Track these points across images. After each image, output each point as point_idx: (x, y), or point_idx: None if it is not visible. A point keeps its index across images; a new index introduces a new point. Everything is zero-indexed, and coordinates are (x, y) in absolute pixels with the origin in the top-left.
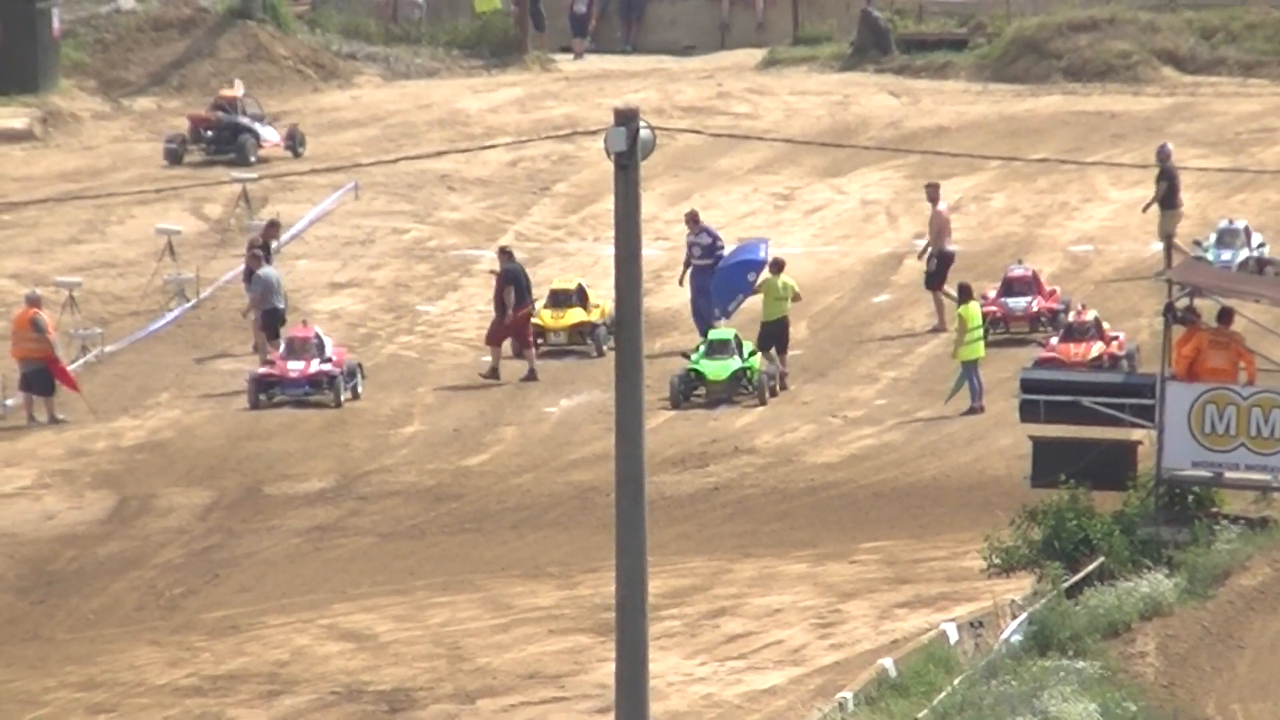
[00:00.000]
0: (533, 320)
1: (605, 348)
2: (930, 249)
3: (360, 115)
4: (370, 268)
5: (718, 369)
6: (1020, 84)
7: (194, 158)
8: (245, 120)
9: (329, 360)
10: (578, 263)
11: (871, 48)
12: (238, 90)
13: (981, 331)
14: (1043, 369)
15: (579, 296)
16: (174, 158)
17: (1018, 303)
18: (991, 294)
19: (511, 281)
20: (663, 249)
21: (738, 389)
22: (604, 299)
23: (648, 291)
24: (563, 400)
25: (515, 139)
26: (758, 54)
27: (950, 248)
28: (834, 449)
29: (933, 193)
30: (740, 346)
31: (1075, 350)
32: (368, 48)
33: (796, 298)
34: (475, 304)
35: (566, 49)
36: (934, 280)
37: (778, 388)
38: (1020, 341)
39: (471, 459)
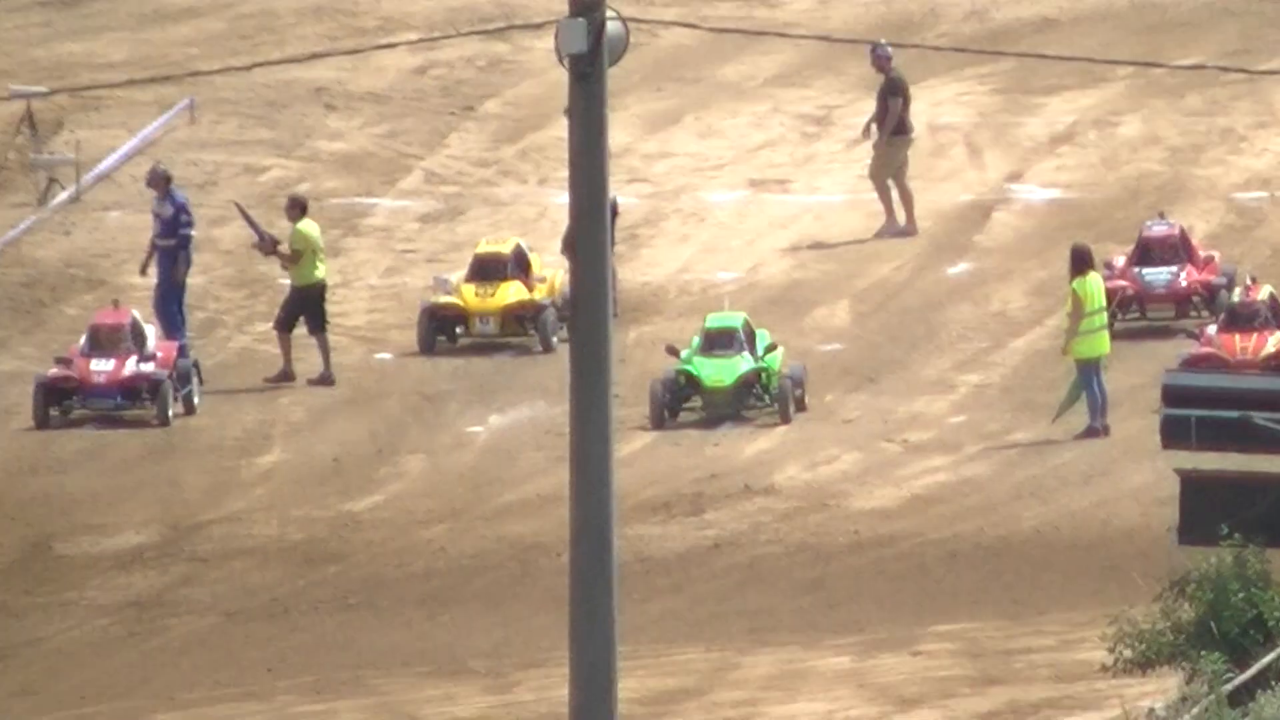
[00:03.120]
0: (445, 300)
1: (556, 339)
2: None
3: (198, 0)
4: (212, 223)
5: (719, 371)
6: None
7: None
8: None
9: (151, 358)
10: (515, 215)
11: None
12: None
13: (1105, 317)
14: (1195, 371)
15: (517, 265)
16: None
17: (1158, 275)
18: (1120, 262)
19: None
20: (641, 195)
21: (748, 400)
22: (553, 268)
23: (620, 257)
24: (492, 416)
25: (423, 36)
26: None
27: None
28: (890, 488)
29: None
30: (752, 338)
31: (1242, 343)
32: None
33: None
34: (365, 275)
35: None
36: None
37: (804, 398)
38: (1163, 331)
39: (359, 502)
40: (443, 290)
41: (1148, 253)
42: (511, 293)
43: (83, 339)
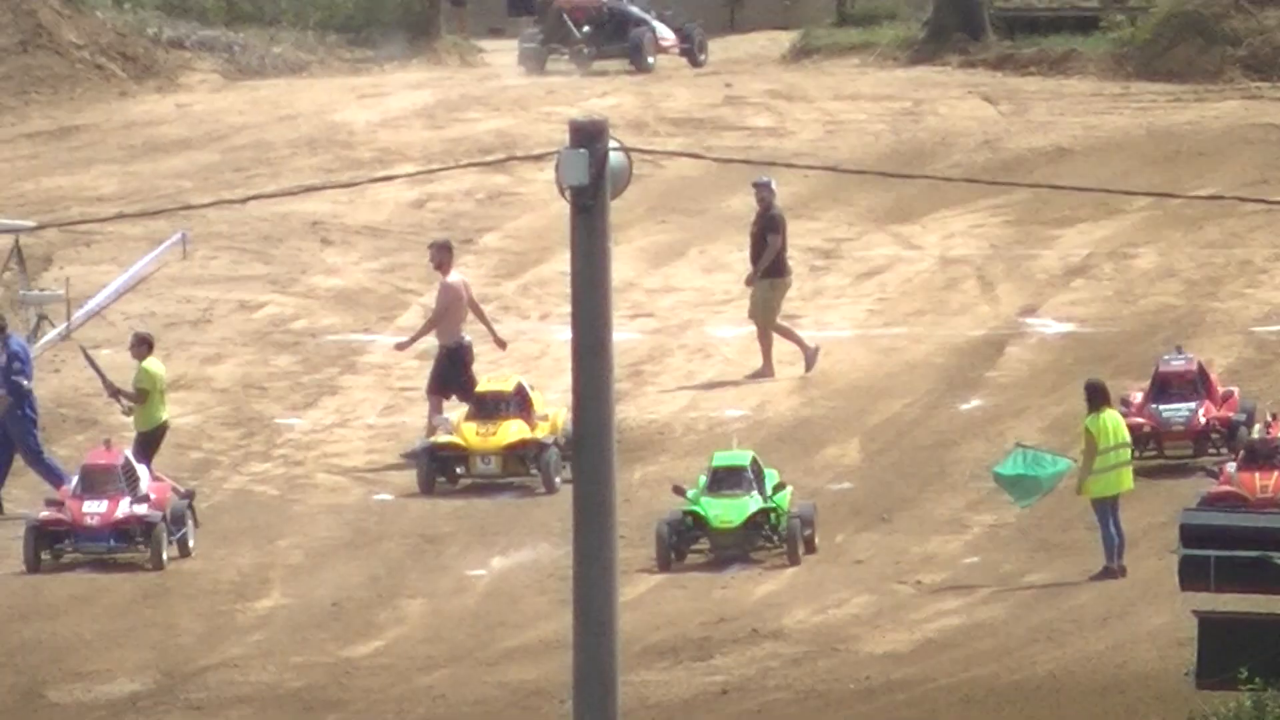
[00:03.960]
0: (445, 439)
1: (559, 479)
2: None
3: (191, 132)
4: (206, 360)
5: (727, 511)
6: (1179, 83)
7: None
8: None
9: (144, 499)
10: (517, 352)
11: (956, 30)
12: None
13: (1127, 453)
14: (1214, 509)
15: (518, 403)
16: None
17: (1176, 411)
18: (1137, 398)
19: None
20: (645, 331)
21: (757, 540)
22: (556, 407)
23: (623, 395)
24: (494, 559)
25: (421, 168)
26: (784, 40)
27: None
28: (902, 632)
29: (439, 255)
30: (760, 476)
31: (1263, 481)
32: (202, 30)
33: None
34: (362, 414)
35: (498, 31)
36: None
37: (814, 538)
38: (1180, 469)
39: (358, 647)
40: (443, 429)
41: (1165, 388)
42: (513, 431)
43: (74, 480)
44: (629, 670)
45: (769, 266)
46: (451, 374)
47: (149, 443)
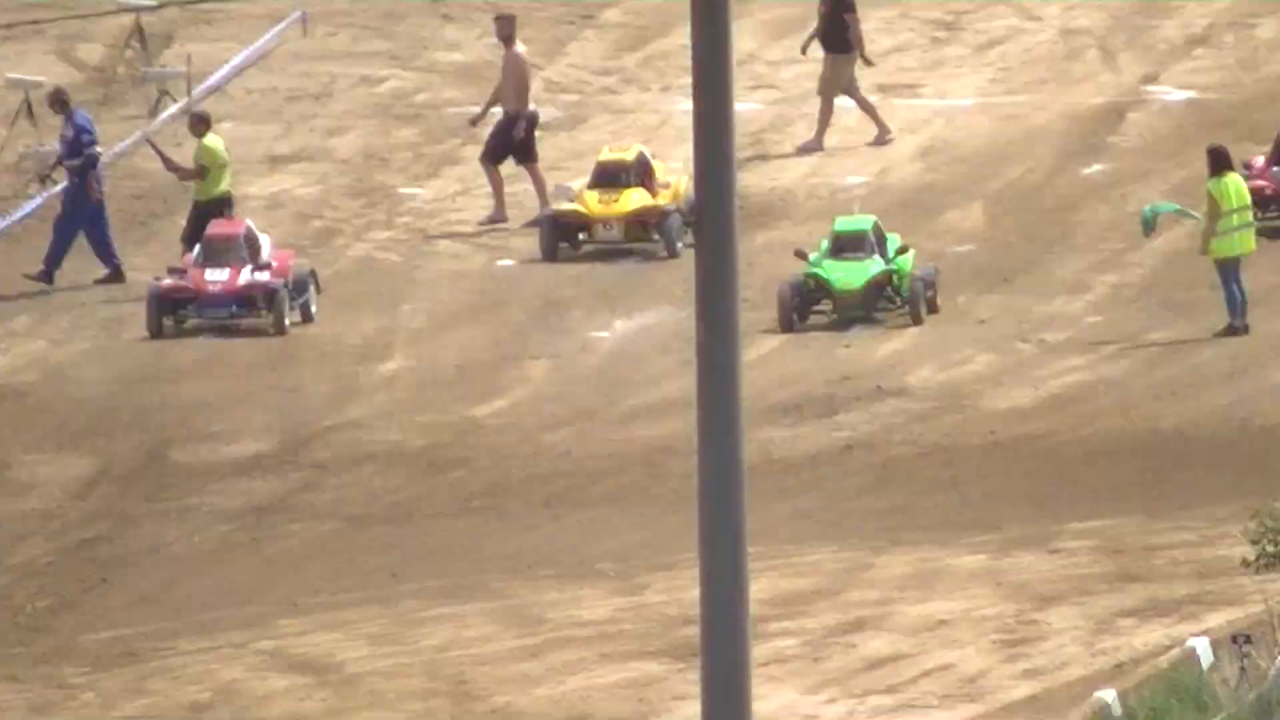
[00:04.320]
0: (568, 207)
1: (681, 245)
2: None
3: None
4: (329, 133)
5: (849, 274)
6: None
7: None
8: None
9: (266, 267)
10: (638, 123)
11: None
12: None
13: (1250, 215)
14: None
15: (640, 172)
16: None
17: None
18: (1259, 162)
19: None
20: (765, 101)
21: (879, 303)
22: (678, 175)
23: (744, 164)
24: (618, 321)
25: None
26: None
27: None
28: (1026, 388)
29: (504, 28)
30: (882, 241)
31: None
32: None
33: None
34: (484, 183)
35: None
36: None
37: (937, 300)
38: None
39: (482, 407)
40: (565, 198)
41: None
42: (635, 199)
43: (196, 249)
44: (754, 427)
45: (837, 42)
46: (509, 141)
47: (204, 214)
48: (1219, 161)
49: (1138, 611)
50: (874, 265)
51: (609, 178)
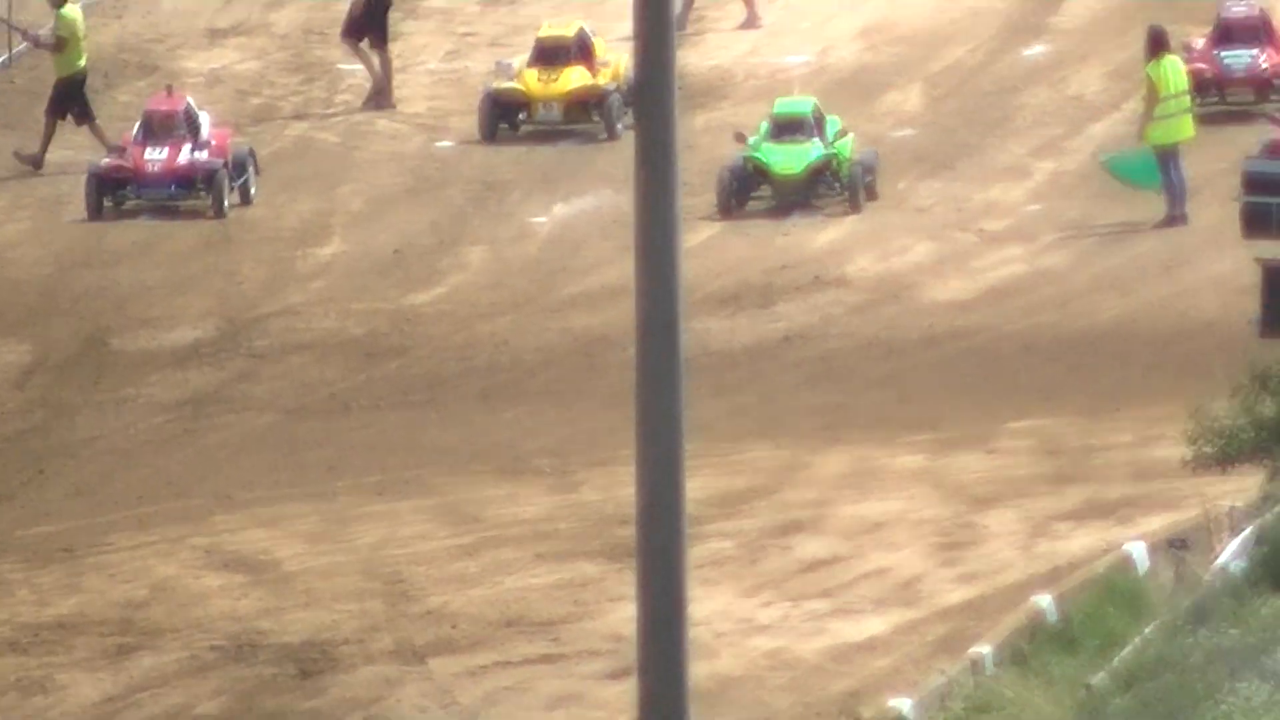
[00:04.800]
0: (507, 86)
1: (620, 126)
2: None
3: None
4: (267, 5)
5: (789, 159)
6: None
7: None
8: None
9: (205, 146)
10: None
11: None
12: None
13: (1187, 101)
14: (1277, 158)
15: (579, 50)
16: None
17: (1238, 58)
18: (1199, 44)
19: None
20: None
21: (819, 188)
22: (617, 53)
23: (684, 40)
24: (556, 205)
25: None
26: None
27: None
28: (965, 279)
29: None
30: (822, 124)
31: None
32: None
33: None
34: (424, 59)
35: None
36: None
37: (876, 186)
38: (1242, 116)
39: (420, 294)
40: (505, 75)
41: (1227, 35)
42: (575, 78)
43: (136, 127)
44: (691, 317)
45: None
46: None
47: (69, 91)
48: (1158, 43)
49: (1075, 514)
50: (814, 149)
51: (549, 56)
